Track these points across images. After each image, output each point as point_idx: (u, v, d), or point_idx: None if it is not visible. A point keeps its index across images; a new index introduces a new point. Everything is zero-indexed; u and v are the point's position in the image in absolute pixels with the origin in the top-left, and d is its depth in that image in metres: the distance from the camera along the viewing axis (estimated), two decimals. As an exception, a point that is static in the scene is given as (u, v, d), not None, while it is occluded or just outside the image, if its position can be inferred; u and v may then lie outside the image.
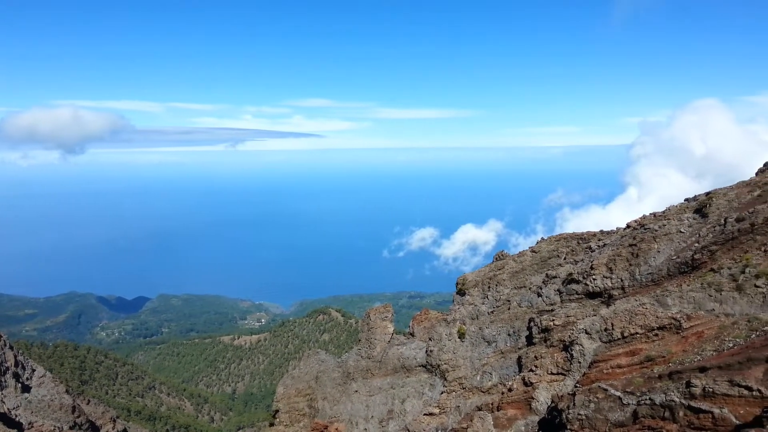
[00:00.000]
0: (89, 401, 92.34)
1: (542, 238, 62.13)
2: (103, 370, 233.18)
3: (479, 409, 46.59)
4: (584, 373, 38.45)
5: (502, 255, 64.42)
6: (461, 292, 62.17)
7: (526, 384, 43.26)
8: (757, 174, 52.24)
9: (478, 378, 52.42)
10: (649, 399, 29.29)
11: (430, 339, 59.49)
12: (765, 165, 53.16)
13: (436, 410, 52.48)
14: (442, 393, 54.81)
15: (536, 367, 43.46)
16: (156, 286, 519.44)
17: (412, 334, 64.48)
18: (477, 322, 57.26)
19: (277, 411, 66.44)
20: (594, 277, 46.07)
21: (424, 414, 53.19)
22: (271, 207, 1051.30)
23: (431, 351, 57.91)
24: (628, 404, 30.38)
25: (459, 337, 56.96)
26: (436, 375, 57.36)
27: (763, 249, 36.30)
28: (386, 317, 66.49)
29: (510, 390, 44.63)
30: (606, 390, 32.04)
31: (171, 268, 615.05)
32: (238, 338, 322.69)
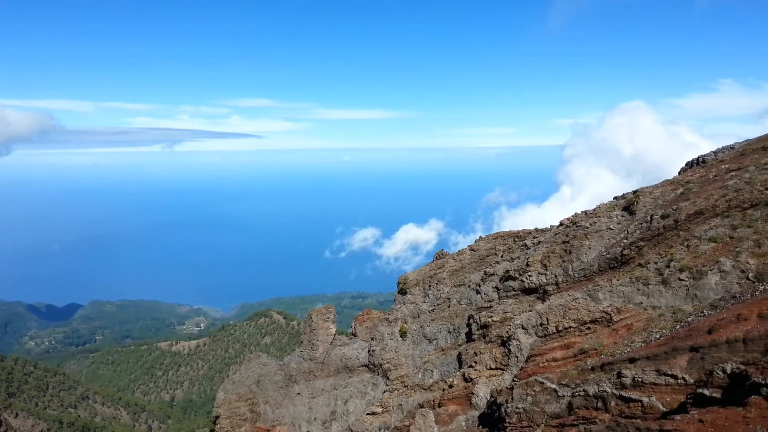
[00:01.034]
0: (17, 414, 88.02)
1: (480, 237, 63.36)
2: (33, 381, 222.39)
3: (421, 406, 47.13)
4: (521, 368, 39.53)
5: (442, 254, 65.32)
6: (403, 292, 62.68)
7: (466, 380, 44.06)
8: (679, 173, 55.05)
9: (420, 375, 53.00)
10: (583, 390, 30.39)
11: (372, 339, 59.71)
12: (687, 164, 56.09)
13: (379, 409, 52.73)
14: (384, 392, 55.12)
15: (476, 363, 44.33)
16: (89, 293, 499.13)
17: (355, 335, 64.55)
18: (418, 320, 57.86)
19: (217, 417, 65.11)
20: (530, 273, 47.36)
21: (367, 413, 53.35)
22: (209, 209, 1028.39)
23: (373, 350, 58.14)
24: (564, 396, 31.41)
25: (401, 336, 57.41)
26: (378, 374, 57.62)
27: (686, 244, 38.25)
28: (328, 318, 66.27)
29: (451, 386, 45.36)
30: (542, 383, 33.02)
31: (105, 274, 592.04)
32: (176, 344, 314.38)
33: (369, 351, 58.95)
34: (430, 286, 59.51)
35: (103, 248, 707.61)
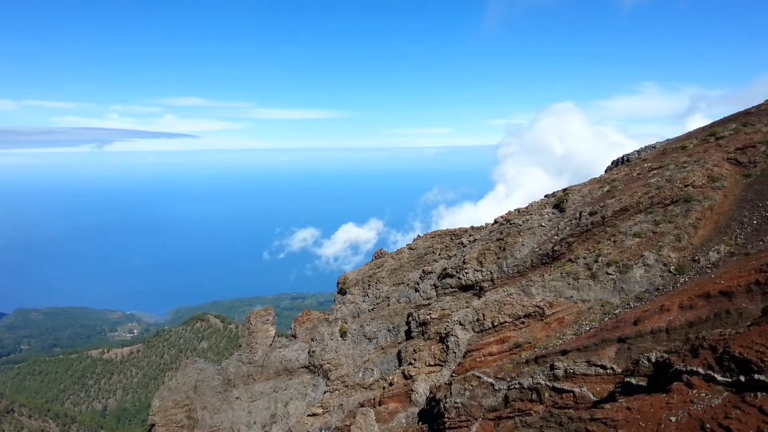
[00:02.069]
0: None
1: (419, 236, 64.07)
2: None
3: (362, 405, 47.22)
4: (459, 363, 40.22)
5: (381, 253, 65.65)
6: (342, 291, 62.62)
7: (405, 377, 44.44)
8: (606, 171, 57.41)
9: (360, 375, 53.08)
10: (518, 383, 31.23)
11: (312, 339, 59.37)
12: (612, 163, 58.54)
13: (320, 410, 52.49)
14: (325, 392, 54.90)
15: (415, 360, 44.79)
16: (12, 301, 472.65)
17: (294, 336, 64.00)
18: (358, 319, 57.95)
19: (153, 425, 63.15)
20: (466, 270, 48.24)
21: (308, 415, 53.01)
22: (142, 211, 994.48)
23: (314, 351, 57.81)
24: (500, 389, 32.18)
25: (341, 336, 57.33)
26: (319, 375, 57.34)
27: (612, 239, 39.92)
28: (267, 320, 65.43)
29: (391, 384, 45.65)
30: (479, 377, 33.72)
31: (30, 280, 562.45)
32: (108, 351, 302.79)
33: (309, 352, 58.58)
34: (369, 285, 59.69)
35: (29, 254, 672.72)
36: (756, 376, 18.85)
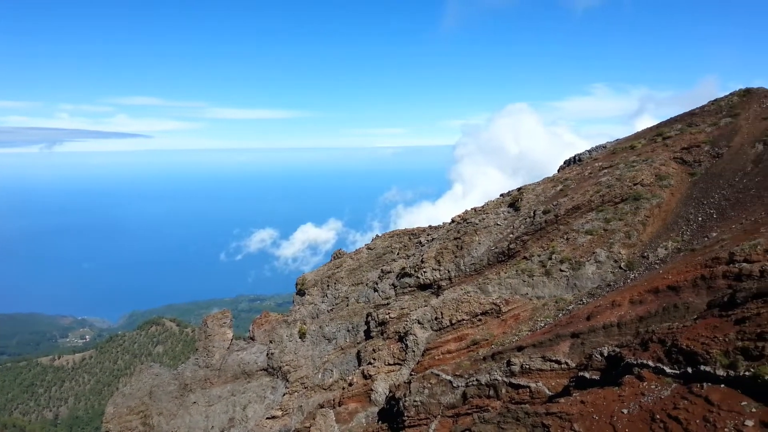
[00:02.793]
0: None
1: (377, 236, 64.23)
2: None
3: (321, 406, 47.05)
4: (418, 361, 40.50)
5: (339, 253, 65.54)
6: (301, 292, 62.25)
7: (365, 377, 44.49)
8: (558, 170, 58.72)
9: (320, 376, 52.88)
10: (476, 380, 31.65)
11: (270, 341, 58.82)
12: (565, 162, 59.89)
13: (279, 412, 52.07)
14: (284, 395, 54.47)
15: (374, 359, 44.89)
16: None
17: (253, 338, 63.27)
18: (317, 320, 57.72)
19: (106, 433, 61.49)
20: (424, 270, 48.61)
21: (267, 418, 52.52)
22: (94, 213, 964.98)
23: (272, 353, 57.29)
24: (458, 387, 32.56)
25: (300, 337, 56.99)
26: (278, 377, 56.85)
27: (566, 237, 40.86)
28: (224, 323, 64.49)
29: (350, 384, 45.63)
30: (438, 375, 34.03)
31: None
32: (59, 358, 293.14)
33: (268, 354, 58.03)
34: (328, 285, 59.52)
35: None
36: (702, 368, 19.57)
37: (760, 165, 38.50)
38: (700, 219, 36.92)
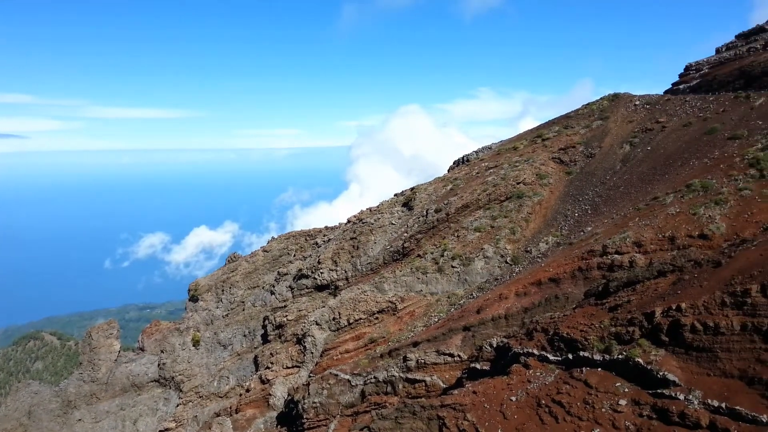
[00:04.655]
0: None
1: (273, 238, 63.43)
2: None
3: (218, 415, 45.88)
4: (317, 363, 40.58)
5: (234, 257, 64.08)
6: (194, 298, 60.22)
7: (263, 382, 43.90)
8: (448, 170, 60.86)
9: (216, 384, 51.48)
10: (374, 377, 32.23)
11: (162, 351, 56.41)
12: (454, 163, 62.16)
13: (172, 424, 50.12)
14: (178, 405, 52.49)
15: (272, 363, 44.39)
16: None
17: (142, 349, 60.35)
18: (212, 327, 56.11)
19: (-23, 461, 56.32)
20: (321, 270, 48.68)
21: (160, 431, 50.40)
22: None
23: (164, 363, 55.00)
24: (357, 385, 32.99)
25: (193, 345, 55.14)
26: (170, 388, 54.66)
27: (456, 234, 42.50)
28: (111, 334, 61.00)
29: (248, 390, 44.84)
30: (336, 375, 34.29)
31: None
32: None
33: (159, 365, 55.64)
34: (223, 290, 58.03)
35: None
36: (581, 353, 21.18)
37: (628, 164, 42.06)
38: (576, 214, 39.75)
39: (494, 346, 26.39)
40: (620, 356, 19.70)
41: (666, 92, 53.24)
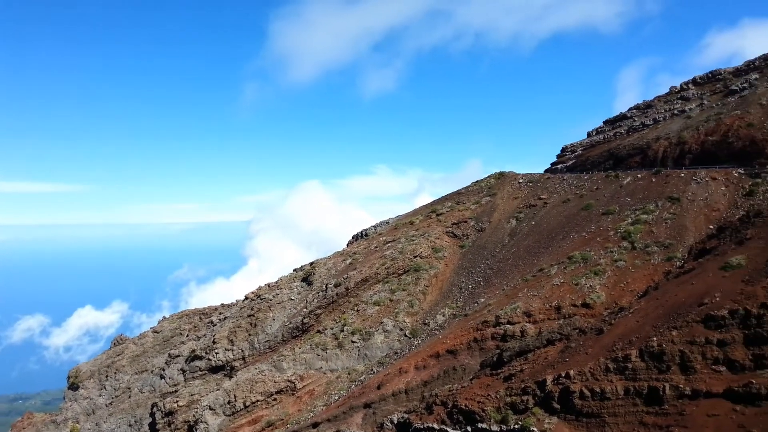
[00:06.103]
0: None
1: (164, 317, 60.59)
2: None
3: None
4: (211, 451, 38.18)
5: (121, 339, 60.21)
6: (74, 386, 55.40)
7: (150, 476, 40.56)
8: (348, 245, 61.47)
9: (96, 482, 46.92)
10: (271, 463, 30.79)
11: (33, 448, 50.98)
12: (353, 237, 62.97)
13: None
14: None
15: (161, 455, 41.25)
16: None
17: (10, 447, 54.25)
18: (93, 417, 51.56)
19: None
20: (216, 351, 46.62)
21: None
22: None
23: (36, 462, 49.62)
24: (253, 473, 31.31)
25: (71, 439, 50.28)
26: (42, 490, 49.14)
27: (356, 309, 42.54)
28: (-27, 432, 54.55)
29: (133, 487, 41.19)
30: (231, 464, 32.42)
31: None
32: None
33: (30, 464, 50.11)
34: (107, 376, 53.91)
35: None
36: (479, 425, 21.54)
37: (515, 237, 44.55)
38: (470, 286, 41.21)
39: (395, 422, 26.25)
40: (516, 426, 20.24)
41: (546, 171, 57.75)
